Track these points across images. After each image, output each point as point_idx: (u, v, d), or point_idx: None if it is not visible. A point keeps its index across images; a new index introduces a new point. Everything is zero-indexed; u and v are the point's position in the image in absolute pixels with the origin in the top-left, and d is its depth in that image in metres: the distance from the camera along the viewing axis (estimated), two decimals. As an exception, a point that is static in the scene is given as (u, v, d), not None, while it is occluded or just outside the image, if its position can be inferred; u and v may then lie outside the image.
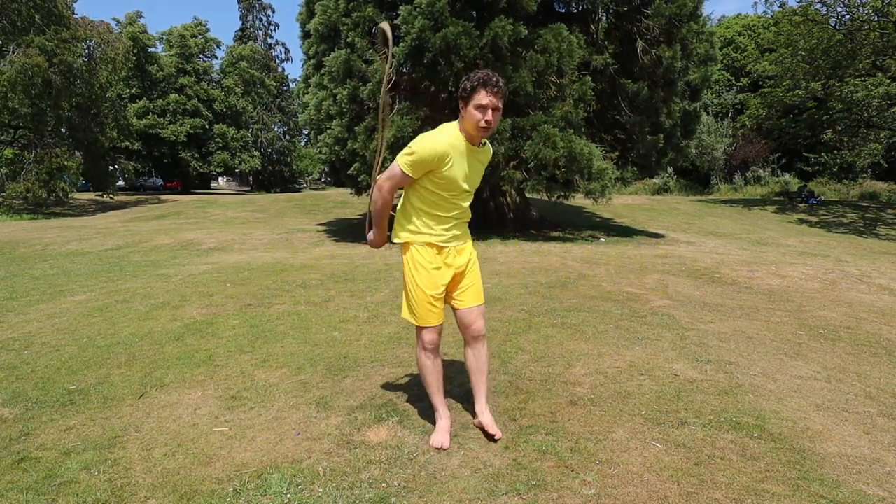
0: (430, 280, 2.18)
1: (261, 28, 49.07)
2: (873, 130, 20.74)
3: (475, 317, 2.27)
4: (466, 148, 2.11)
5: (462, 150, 2.10)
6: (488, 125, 2.02)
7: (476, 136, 2.08)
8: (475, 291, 2.28)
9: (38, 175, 19.86)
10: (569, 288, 5.41)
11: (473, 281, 2.28)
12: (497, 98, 2.01)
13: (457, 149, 2.09)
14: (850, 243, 12.44)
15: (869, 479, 1.95)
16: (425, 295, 2.18)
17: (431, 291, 2.18)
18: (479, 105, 2.00)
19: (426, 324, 2.21)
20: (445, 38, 8.70)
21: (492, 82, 2.00)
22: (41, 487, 1.94)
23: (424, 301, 2.19)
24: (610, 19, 11.00)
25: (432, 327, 2.22)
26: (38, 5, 19.69)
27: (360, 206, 19.46)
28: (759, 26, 31.62)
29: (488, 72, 2.04)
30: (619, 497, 1.84)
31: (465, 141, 2.10)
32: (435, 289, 2.19)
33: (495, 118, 2.03)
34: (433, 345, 2.24)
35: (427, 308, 2.19)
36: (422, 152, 2.03)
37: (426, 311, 2.20)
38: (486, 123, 2.02)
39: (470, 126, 2.05)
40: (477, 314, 2.27)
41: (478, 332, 2.28)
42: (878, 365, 3.22)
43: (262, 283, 5.84)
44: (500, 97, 2.02)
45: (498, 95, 2.01)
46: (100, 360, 3.31)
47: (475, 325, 2.27)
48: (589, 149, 9.42)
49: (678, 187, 27.51)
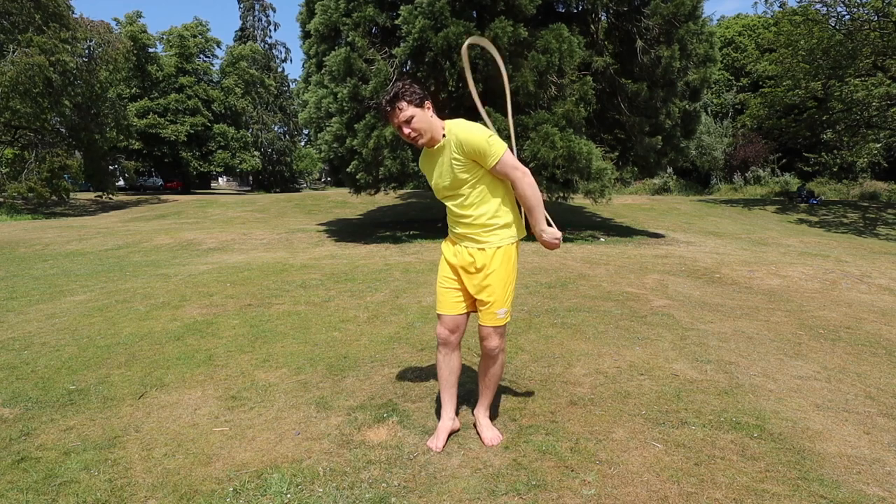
0: (440, 267, 2.32)
1: (261, 28, 49.08)
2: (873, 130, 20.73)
3: (486, 334, 2.20)
4: (426, 152, 2.20)
5: (425, 157, 2.22)
6: (414, 139, 2.07)
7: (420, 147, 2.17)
8: (488, 313, 2.16)
9: (40, 175, 19.87)
10: (569, 288, 5.41)
11: (487, 299, 2.14)
12: (395, 115, 2.04)
13: (423, 158, 2.23)
14: (850, 243, 12.44)
15: (869, 479, 1.95)
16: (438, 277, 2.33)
17: (440, 277, 2.31)
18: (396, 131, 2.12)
19: (437, 309, 2.31)
20: (447, 38, 8.71)
21: (383, 106, 2.07)
22: (41, 487, 1.94)
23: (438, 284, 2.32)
24: (610, 19, 11.00)
25: (441, 317, 2.25)
26: (38, 5, 19.69)
27: (360, 205, 19.46)
28: (759, 26, 31.59)
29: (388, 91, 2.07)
30: (619, 497, 1.84)
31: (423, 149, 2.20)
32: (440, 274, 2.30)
33: (413, 128, 2.04)
34: (442, 339, 2.24)
35: (439, 291, 2.30)
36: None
37: (438, 294, 2.31)
38: (411, 140, 2.07)
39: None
40: (489, 332, 2.19)
41: (487, 349, 2.23)
42: (878, 365, 3.22)
43: (262, 283, 5.84)
44: (398, 111, 2.03)
45: (395, 113, 2.04)
46: (100, 360, 3.31)
47: (485, 342, 2.22)
48: (588, 148, 9.42)
49: (678, 187, 27.49)
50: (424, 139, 2.07)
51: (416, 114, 2.03)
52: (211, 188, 45.77)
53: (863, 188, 24.67)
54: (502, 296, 2.14)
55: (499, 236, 2.13)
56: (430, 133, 2.07)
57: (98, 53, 22.69)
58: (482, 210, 2.11)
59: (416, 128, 2.03)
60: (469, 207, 2.11)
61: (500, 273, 2.12)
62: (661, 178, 26.66)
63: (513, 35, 8.86)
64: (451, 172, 2.08)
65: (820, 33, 18.41)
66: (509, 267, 2.15)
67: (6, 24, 19.47)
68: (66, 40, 20.05)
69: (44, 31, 19.64)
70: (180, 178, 37.18)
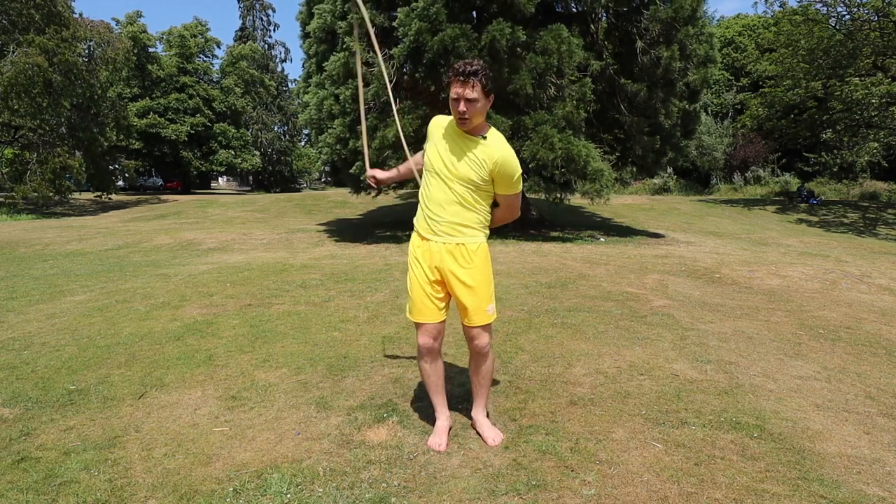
0: (411, 270, 2.20)
1: (260, 28, 49.11)
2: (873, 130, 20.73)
3: (476, 334, 2.19)
4: (455, 132, 2.08)
5: (450, 132, 2.10)
6: (462, 116, 1.98)
7: (459, 126, 2.05)
8: (478, 312, 2.14)
9: (42, 175, 19.88)
10: (569, 288, 5.41)
11: (470, 298, 2.12)
12: (466, 87, 1.93)
13: (442, 129, 2.12)
14: (850, 243, 12.44)
15: (869, 479, 1.95)
16: (411, 283, 2.20)
17: (416, 283, 2.17)
18: (452, 98, 1.99)
19: (410, 316, 2.21)
20: (443, 41, 8.72)
21: (461, 71, 1.94)
22: (41, 487, 1.94)
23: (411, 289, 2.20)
24: (610, 19, 11.00)
25: (423, 326, 2.18)
26: (38, 4, 19.69)
27: (360, 205, 19.46)
28: (759, 26, 31.59)
29: (465, 61, 1.99)
30: (619, 497, 1.84)
31: (455, 126, 2.08)
32: (416, 282, 2.17)
33: (470, 109, 1.96)
34: (425, 348, 2.20)
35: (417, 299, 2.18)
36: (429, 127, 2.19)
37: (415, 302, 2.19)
38: (461, 114, 1.98)
39: (453, 115, 2.04)
40: (478, 331, 2.17)
41: (478, 348, 2.21)
42: (878, 365, 3.22)
43: (262, 283, 5.84)
44: (470, 86, 1.93)
45: (468, 85, 1.93)
46: (100, 360, 3.31)
47: (476, 341, 2.20)
48: (587, 150, 9.42)
49: (678, 187, 27.50)
50: (470, 125, 2.02)
51: (482, 100, 1.99)
52: (211, 188, 45.78)
53: (863, 188, 24.68)
54: (487, 292, 2.17)
55: (481, 234, 2.16)
56: (477, 122, 2.04)
57: (98, 53, 22.70)
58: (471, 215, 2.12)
59: (473, 110, 1.97)
60: (464, 206, 2.10)
61: (483, 269, 2.15)
62: (661, 178, 26.67)
63: (511, 37, 8.86)
64: (469, 168, 2.06)
65: (820, 33, 18.42)
66: (489, 263, 2.19)
67: (6, 23, 19.46)
68: (66, 40, 20.04)
69: (44, 31, 19.64)
70: (180, 178, 37.19)
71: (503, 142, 2.08)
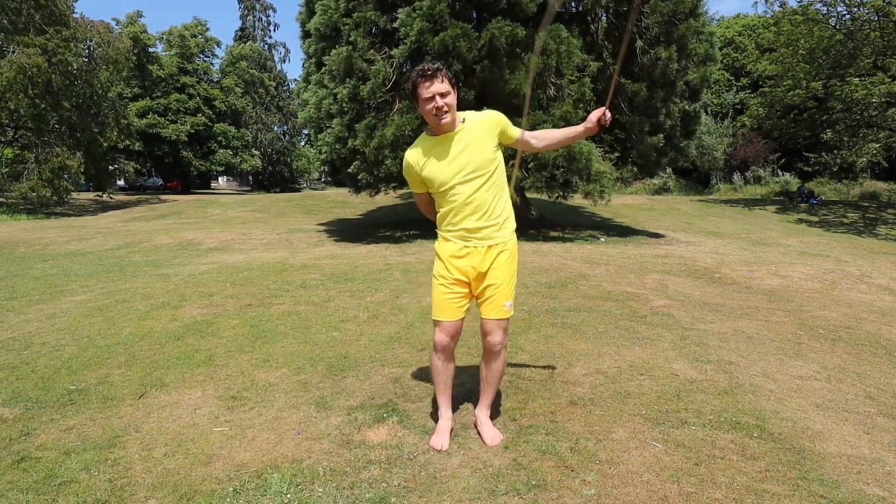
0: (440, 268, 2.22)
1: (260, 28, 49.11)
2: (873, 130, 20.73)
3: (491, 328, 2.20)
4: (437, 144, 2.13)
5: (431, 148, 2.14)
6: (441, 111, 2.02)
7: (439, 126, 2.07)
8: (496, 305, 2.18)
9: (40, 175, 19.86)
10: (569, 288, 5.41)
11: (495, 291, 2.16)
12: (435, 82, 2.00)
13: (421, 155, 2.15)
14: (850, 243, 12.43)
15: (869, 479, 1.95)
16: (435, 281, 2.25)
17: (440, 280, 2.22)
18: (424, 99, 2.03)
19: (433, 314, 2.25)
20: (444, 41, 8.72)
21: (425, 70, 2.02)
22: (41, 487, 1.94)
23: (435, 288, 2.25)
24: (609, 19, 10.99)
25: (441, 324, 2.20)
26: (38, 4, 19.68)
27: (359, 206, 19.45)
28: (759, 26, 31.57)
29: (424, 64, 2.06)
30: (619, 497, 1.84)
31: (434, 136, 2.13)
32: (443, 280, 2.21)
33: (448, 101, 2.02)
34: (441, 345, 2.22)
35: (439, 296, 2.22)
36: (404, 172, 2.23)
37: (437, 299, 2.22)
38: (438, 109, 2.02)
39: (429, 120, 2.08)
40: (494, 326, 2.20)
41: (491, 344, 2.22)
42: (878, 365, 3.22)
43: (262, 283, 5.84)
44: (439, 80, 2.00)
45: (436, 79, 2.00)
46: (100, 360, 3.31)
47: (490, 336, 2.21)
48: (588, 149, 9.42)
49: (678, 187, 27.49)
50: (450, 119, 2.06)
51: (452, 91, 2.05)
52: (211, 188, 45.78)
53: (863, 188, 24.67)
54: (509, 287, 2.20)
55: (508, 230, 2.20)
56: (453, 115, 2.09)
57: (98, 53, 22.68)
58: (500, 198, 2.16)
59: (448, 103, 2.03)
60: (490, 189, 2.12)
61: (509, 265, 2.19)
62: (661, 178, 26.65)
63: (511, 35, 8.86)
64: (479, 150, 2.10)
65: (820, 33, 18.41)
66: (515, 259, 2.24)
67: (6, 23, 19.45)
68: (66, 40, 20.04)
69: (44, 32, 19.63)
70: (180, 178, 37.18)
71: (473, 112, 2.19)
